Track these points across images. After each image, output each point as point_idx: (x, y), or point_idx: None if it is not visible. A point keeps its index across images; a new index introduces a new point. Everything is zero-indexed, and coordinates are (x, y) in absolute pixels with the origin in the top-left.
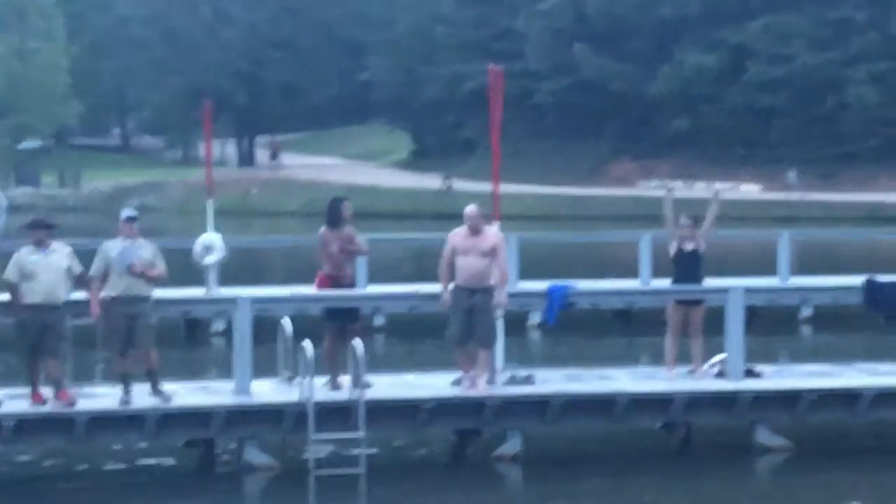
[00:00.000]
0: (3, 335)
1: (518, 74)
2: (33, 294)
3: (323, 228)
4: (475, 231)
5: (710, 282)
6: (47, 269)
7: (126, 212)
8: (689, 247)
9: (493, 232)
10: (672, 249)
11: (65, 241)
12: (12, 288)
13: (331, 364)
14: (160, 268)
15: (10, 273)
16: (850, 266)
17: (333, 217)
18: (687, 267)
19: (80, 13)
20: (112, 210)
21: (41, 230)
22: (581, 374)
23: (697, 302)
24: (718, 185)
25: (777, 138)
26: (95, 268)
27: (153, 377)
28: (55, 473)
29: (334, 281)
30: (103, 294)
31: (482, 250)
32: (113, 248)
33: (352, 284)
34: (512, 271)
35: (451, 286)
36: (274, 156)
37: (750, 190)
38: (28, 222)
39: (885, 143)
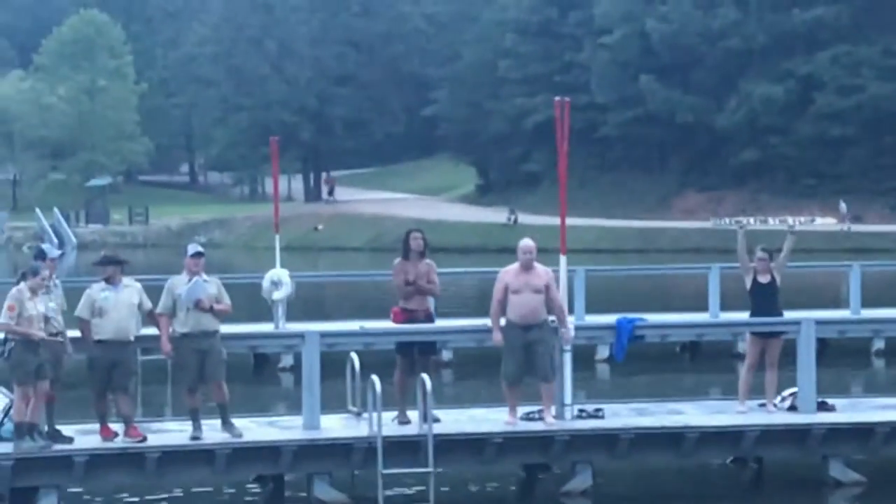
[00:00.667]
0: (74, 371)
1: (583, 107)
2: (104, 330)
3: (398, 260)
4: (527, 267)
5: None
6: (118, 306)
7: (192, 248)
8: (764, 279)
9: (544, 269)
10: (748, 282)
11: (134, 278)
12: (83, 324)
13: (401, 397)
14: (226, 302)
15: (82, 310)
16: None
17: (405, 248)
18: (765, 299)
19: (148, 51)
20: (180, 246)
21: (112, 266)
22: (650, 407)
23: (776, 334)
24: (793, 219)
25: (846, 169)
26: (163, 304)
27: (224, 411)
28: None
29: (408, 314)
30: (174, 331)
31: (535, 287)
32: (179, 284)
33: (429, 318)
34: (579, 305)
35: (502, 322)
36: (331, 192)
37: (827, 222)
38: (98, 259)
39: None
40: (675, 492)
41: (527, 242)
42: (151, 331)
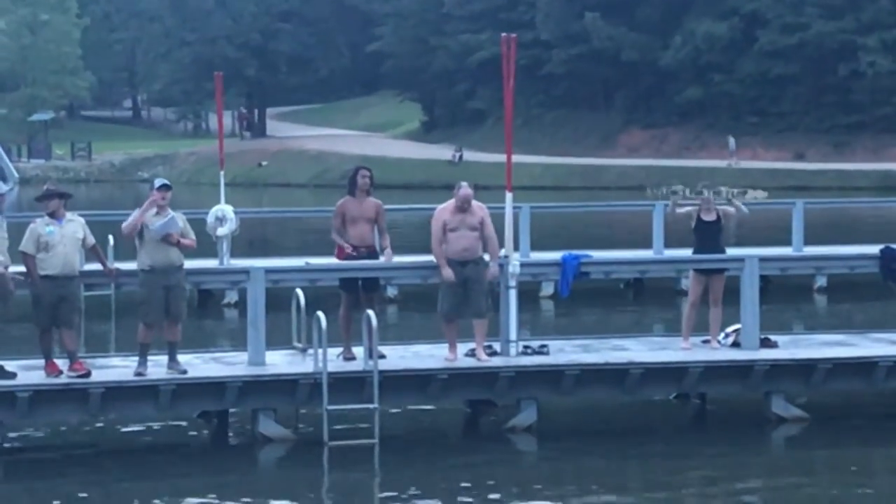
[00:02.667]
0: (16, 307)
1: (529, 44)
2: (50, 265)
3: (343, 199)
4: (463, 208)
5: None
6: (63, 240)
7: (159, 181)
8: (709, 217)
9: (479, 206)
10: (693, 222)
11: (77, 213)
12: (28, 259)
13: (345, 334)
14: (191, 237)
15: (27, 245)
16: (864, 235)
17: (351, 185)
18: (709, 237)
19: None
20: (123, 182)
21: (55, 199)
22: (595, 344)
23: (719, 271)
24: (726, 190)
25: (789, 107)
26: (131, 223)
27: (173, 349)
28: (70, 443)
29: (354, 251)
30: (138, 265)
31: (471, 224)
32: (148, 216)
33: (373, 255)
34: (524, 242)
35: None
36: (248, 127)
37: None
38: (41, 192)
39: None
40: (618, 427)
41: (465, 191)
42: (93, 266)
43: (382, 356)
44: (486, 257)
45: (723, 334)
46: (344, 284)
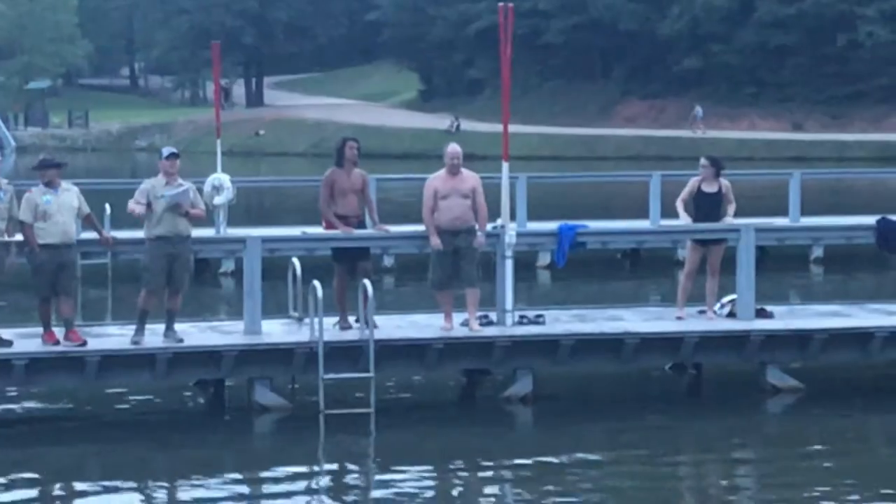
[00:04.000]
0: (14, 275)
1: (526, 13)
2: (48, 234)
3: (330, 169)
4: (454, 173)
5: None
6: (60, 209)
7: (167, 149)
8: (710, 188)
9: (470, 174)
10: (692, 190)
11: (74, 182)
12: (27, 228)
13: (340, 304)
14: (200, 207)
15: (24, 214)
16: (861, 206)
17: (339, 156)
18: (710, 208)
19: None
20: (121, 150)
21: (51, 169)
22: (591, 314)
23: (718, 241)
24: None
25: (788, 77)
26: (135, 201)
27: (171, 318)
28: (66, 413)
29: (343, 221)
30: (146, 233)
31: (463, 192)
32: (157, 185)
33: (361, 224)
34: (521, 212)
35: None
36: (226, 97)
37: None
38: (37, 162)
39: (895, 82)
40: (614, 397)
41: (454, 148)
42: (90, 235)
43: (376, 326)
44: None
45: (718, 304)
46: (337, 255)
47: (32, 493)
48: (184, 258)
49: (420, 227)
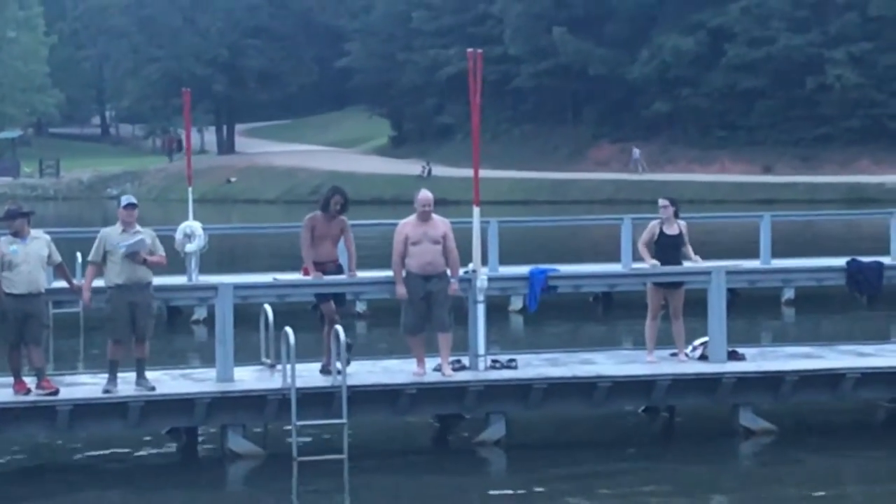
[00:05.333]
0: None
1: (497, 59)
2: (15, 284)
3: (313, 213)
4: (425, 218)
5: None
6: (28, 258)
7: (125, 199)
8: (671, 230)
9: (441, 220)
10: (654, 233)
11: (45, 230)
12: None
13: (329, 348)
14: (160, 253)
15: None
16: (831, 247)
17: (325, 205)
18: (671, 250)
19: (58, 1)
20: (92, 199)
21: (18, 219)
22: (563, 358)
23: (677, 285)
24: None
25: (757, 120)
26: (94, 254)
27: (141, 366)
28: (39, 462)
29: (318, 267)
30: (105, 283)
31: (433, 238)
32: (113, 235)
33: (339, 270)
34: (492, 256)
35: (403, 274)
36: (179, 149)
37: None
38: (3, 213)
39: (864, 125)
40: (587, 441)
41: (425, 194)
42: (60, 284)
43: (339, 371)
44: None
45: (690, 347)
46: (320, 297)
47: None
48: (145, 305)
49: (390, 273)
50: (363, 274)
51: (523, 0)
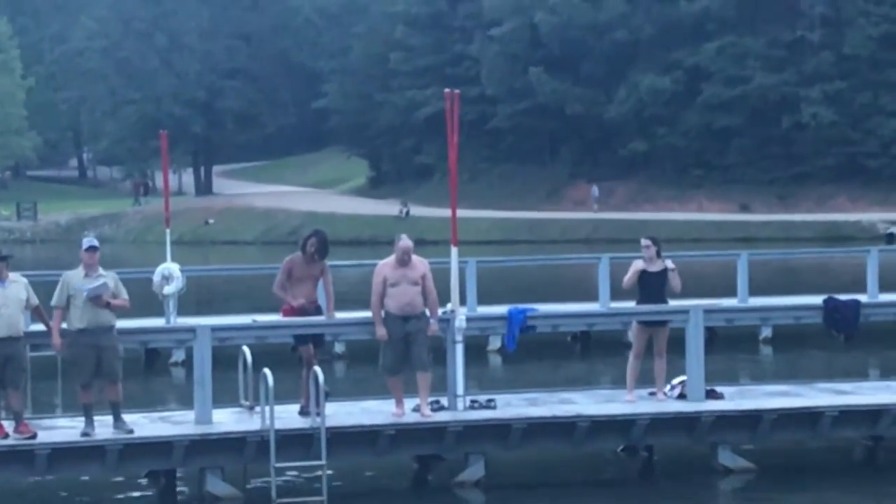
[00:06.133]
0: None
1: (474, 99)
2: None
3: (293, 255)
4: (404, 261)
5: (669, 303)
6: (7, 301)
7: (87, 241)
8: (654, 268)
9: (420, 260)
10: (636, 269)
11: (23, 273)
12: None
13: (305, 390)
14: (123, 297)
15: None
16: (808, 286)
17: (303, 245)
18: (653, 288)
19: (35, 44)
20: (70, 242)
21: None
22: (542, 397)
23: (662, 323)
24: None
25: (733, 159)
26: (57, 298)
27: (116, 409)
28: None
29: (300, 309)
30: (68, 326)
31: (412, 279)
32: (75, 278)
33: (318, 311)
34: (470, 296)
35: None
36: (145, 192)
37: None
38: None
39: (840, 163)
40: (567, 480)
41: (405, 242)
42: (38, 327)
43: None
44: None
45: (669, 386)
46: (299, 340)
47: None
48: (111, 348)
49: (370, 314)
50: (341, 315)
51: (499, 40)
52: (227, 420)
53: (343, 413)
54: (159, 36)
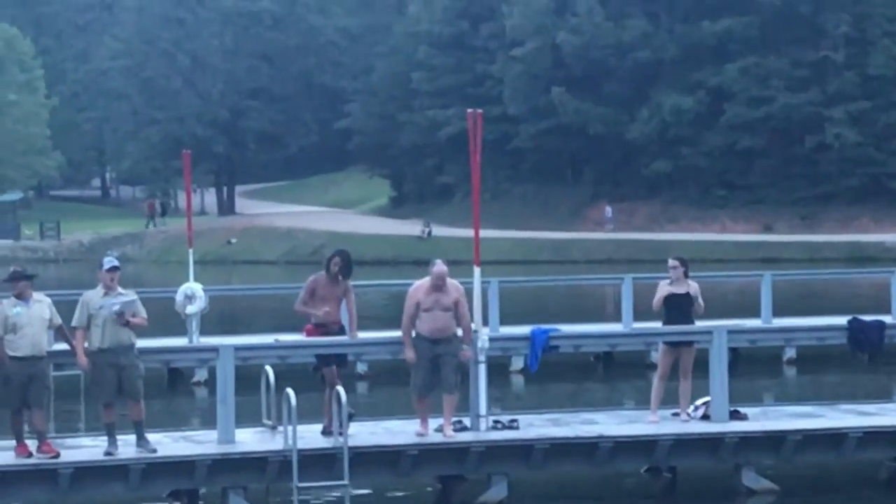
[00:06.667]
0: None
1: (496, 119)
2: (18, 346)
3: (317, 274)
4: (438, 287)
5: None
6: (31, 321)
7: (108, 261)
8: (680, 290)
9: (454, 285)
10: (663, 292)
11: (46, 293)
12: None
13: (328, 409)
14: (142, 315)
15: None
16: (832, 306)
17: (327, 265)
18: (679, 310)
19: (58, 65)
20: (92, 261)
21: (22, 281)
22: (565, 418)
23: (689, 344)
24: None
25: (757, 180)
26: (78, 319)
27: (139, 428)
28: None
29: (322, 329)
30: (88, 346)
31: (445, 305)
32: (95, 298)
33: (342, 331)
34: (493, 316)
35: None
36: (162, 213)
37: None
38: (8, 275)
39: (864, 183)
40: (589, 501)
41: (440, 268)
42: (60, 346)
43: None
44: (460, 333)
45: (692, 407)
46: (322, 361)
47: None
48: (132, 367)
49: (393, 333)
50: (364, 335)
51: (522, 60)
52: (249, 440)
53: (366, 433)
54: (182, 56)
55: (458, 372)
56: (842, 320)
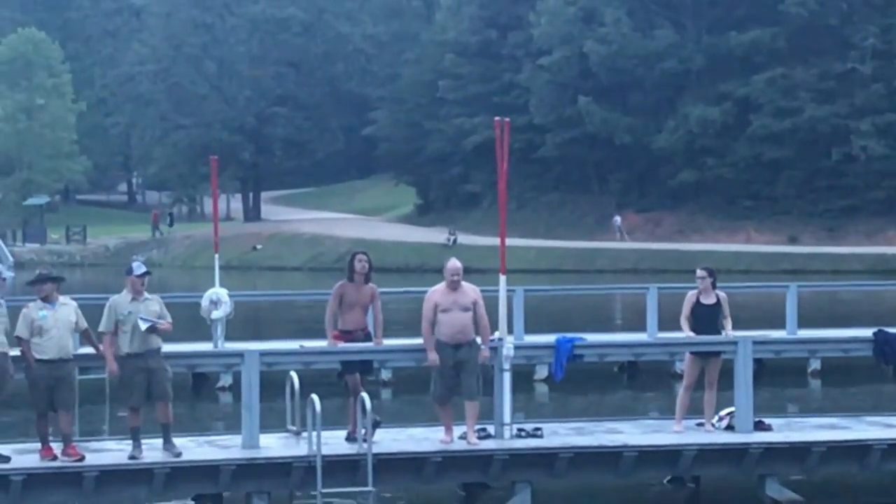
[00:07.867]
0: (13, 391)
1: (522, 128)
2: (45, 350)
3: (340, 282)
4: (455, 287)
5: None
6: (57, 324)
7: (138, 267)
8: (708, 300)
9: (471, 287)
10: (691, 302)
11: (71, 296)
12: (24, 344)
13: (354, 415)
14: (167, 320)
15: (21, 329)
16: (858, 318)
17: (349, 270)
18: (707, 320)
19: (86, 69)
20: (118, 265)
21: (48, 284)
22: (589, 427)
23: (716, 354)
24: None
25: (783, 191)
26: (105, 324)
27: (167, 431)
28: None
29: (347, 336)
30: (116, 351)
31: (464, 305)
32: (122, 303)
33: (368, 337)
34: (518, 324)
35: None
36: (171, 223)
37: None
38: (34, 277)
39: (890, 195)
40: None
41: (454, 263)
42: (86, 350)
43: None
44: (479, 339)
45: (717, 417)
46: (346, 368)
47: None
48: (160, 369)
49: (417, 341)
50: (389, 341)
51: (549, 69)
52: (274, 445)
53: (390, 440)
54: (209, 62)
55: (480, 377)
56: (867, 332)
